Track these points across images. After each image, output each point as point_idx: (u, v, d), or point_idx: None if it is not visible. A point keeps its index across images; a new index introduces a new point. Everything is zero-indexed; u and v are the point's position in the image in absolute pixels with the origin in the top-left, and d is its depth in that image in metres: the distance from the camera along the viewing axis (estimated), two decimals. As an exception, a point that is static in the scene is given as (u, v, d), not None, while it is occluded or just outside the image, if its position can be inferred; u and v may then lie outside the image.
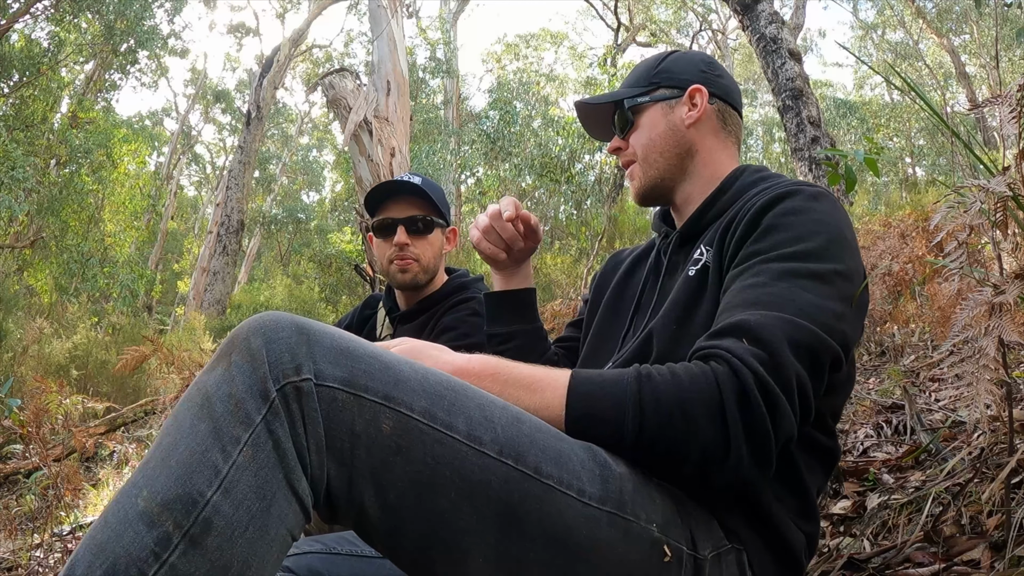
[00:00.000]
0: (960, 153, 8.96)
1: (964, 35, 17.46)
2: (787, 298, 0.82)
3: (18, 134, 10.27)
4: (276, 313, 0.68)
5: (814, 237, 0.88)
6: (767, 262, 0.87)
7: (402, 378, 0.68)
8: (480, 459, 0.68)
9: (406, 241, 1.65)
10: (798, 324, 0.79)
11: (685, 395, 0.75)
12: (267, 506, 0.61)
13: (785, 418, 0.75)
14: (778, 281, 0.84)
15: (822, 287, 0.84)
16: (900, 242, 3.91)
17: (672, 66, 1.13)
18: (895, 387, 2.43)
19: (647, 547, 0.75)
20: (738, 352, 0.76)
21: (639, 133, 1.11)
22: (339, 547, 0.96)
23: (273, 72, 14.51)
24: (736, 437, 0.74)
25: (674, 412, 0.75)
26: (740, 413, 0.74)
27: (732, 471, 0.75)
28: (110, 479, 3.85)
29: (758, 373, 0.75)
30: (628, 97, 1.12)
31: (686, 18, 20.99)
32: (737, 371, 0.75)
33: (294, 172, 25.15)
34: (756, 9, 5.40)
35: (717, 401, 0.74)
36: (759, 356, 0.76)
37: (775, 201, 0.93)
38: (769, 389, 0.74)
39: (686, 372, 0.77)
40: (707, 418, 0.74)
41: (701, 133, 1.10)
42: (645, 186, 1.12)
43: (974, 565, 1.08)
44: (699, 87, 1.10)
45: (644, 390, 0.76)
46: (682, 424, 0.74)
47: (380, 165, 5.81)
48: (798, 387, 0.77)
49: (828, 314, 0.82)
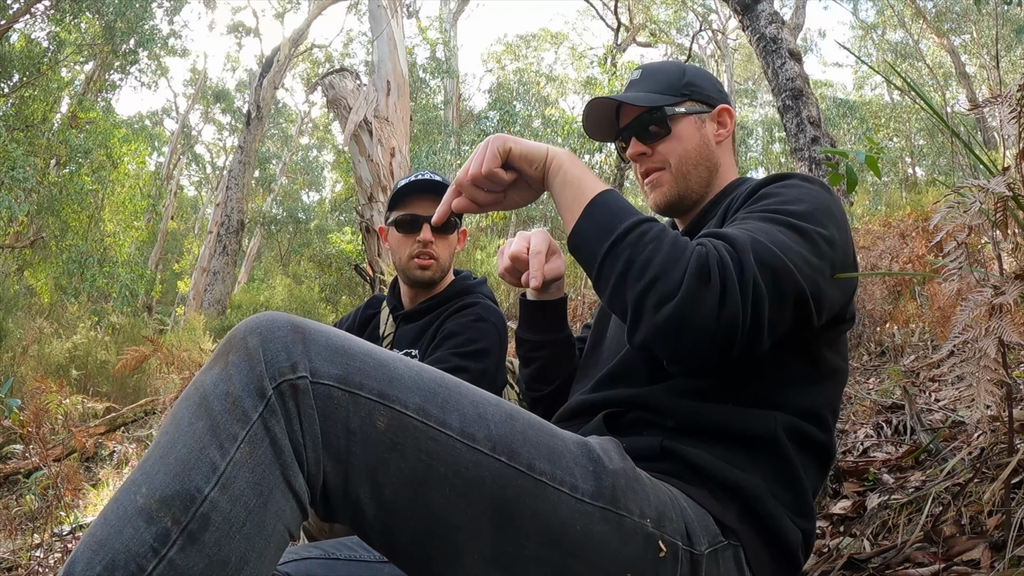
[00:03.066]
0: (960, 153, 8.96)
1: (964, 35, 17.46)
2: (763, 231, 0.86)
3: (18, 134, 10.28)
4: (272, 313, 0.69)
5: (800, 202, 0.93)
6: (751, 212, 0.93)
7: (396, 375, 0.69)
8: (474, 456, 0.69)
9: (431, 239, 1.65)
10: (767, 246, 0.83)
11: (661, 244, 0.82)
12: (264, 502, 0.62)
13: (729, 301, 0.78)
14: (760, 223, 0.89)
15: (799, 237, 0.87)
16: (900, 242, 3.91)
17: (697, 80, 1.15)
18: (895, 387, 2.43)
19: (641, 542, 0.75)
20: (710, 243, 0.82)
21: (673, 143, 1.11)
22: (338, 552, 0.97)
23: (273, 72, 14.51)
24: (684, 295, 0.77)
25: (648, 245, 0.82)
26: (695, 277, 0.78)
27: (668, 318, 0.78)
28: (110, 479, 3.85)
29: (722, 256, 0.80)
30: (668, 104, 1.11)
31: (686, 18, 21.01)
32: (707, 249, 0.81)
33: (294, 172, 25.15)
34: (756, 9, 5.40)
35: (683, 257, 0.80)
36: (727, 249, 0.81)
37: (769, 181, 1.00)
38: (725, 272, 0.79)
39: (674, 234, 0.84)
40: (669, 263, 0.80)
41: (724, 151, 1.15)
42: (673, 196, 1.13)
43: (974, 565, 1.08)
44: (727, 108, 1.15)
45: (636, 225, 0.85)
46: (650, 254, 0.81)
47: (380, 165, 5.81)
48: (754, 292, 0.79)
49: (799, 257, 0.84)
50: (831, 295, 0.89)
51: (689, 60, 14.13)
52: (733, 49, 21.55)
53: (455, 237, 1.73)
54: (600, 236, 0.86)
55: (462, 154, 15.59)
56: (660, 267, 0.80)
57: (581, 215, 0.89)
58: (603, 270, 0.85)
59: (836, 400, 0.99)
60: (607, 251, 0.84)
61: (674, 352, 0.80)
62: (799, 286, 0.83)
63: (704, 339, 0.78)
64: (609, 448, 0.79)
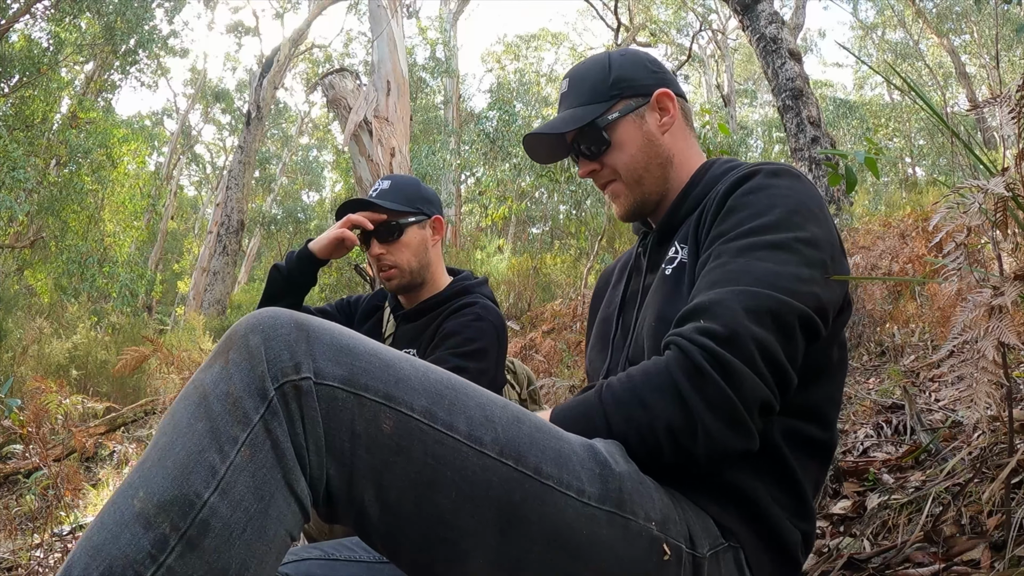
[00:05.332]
0: (960, 153, 8.95)
1: (964, 35, 17.45)
2: (743, 271, 0.83)
3: (18, 134, 10.27)
4: (275, 309, 0.67)
5: (771, 211, 0.89)
6: (726, 243, 0.89)
7: (402, 377, 0.67)
8: (481, 459, 0.67)
9: (380, 251, 1.64)
10: (753, 292, 0.80)
11: (639, 389, 0.79)
12: (265, 507, 0.60)
13: (746, 382, 0.76)
14: (736, 258, 0.85)
15: (780, 255, 0.84)
16: (900, 242, 3.92)
17: (625, 72, 1.07)
18: (895, 387, 2.43)
19: (646, 545, 0.75)
20: (687, 334, 0.79)
21: (616, 153, 1.05)
22: (338, 553, 0.96)
23: (273, 72, 14.51)
24: (697, 411, 0.76)
25: (631, 405, 0.79)
26: (695, 390, 0.76)
27: (707, 444, 0.77)
28: (110, 479, 3.85)
29: (706, 347, 0.77)
30: (599, 116, 1.04)
31: (686, 18, 21.01)
32: (686, 350, 0.78)
33: (294, 172, 25.14)
34: (756, 9, 5.40)
35: (670, 384, 0.78)
36: (710, 331, 0.78)
37: (736, 184, 0.94)
38: (721, 358, 0.76)
39: (640, 369, 0.81)
40: (662, 402, 0.77)
41: (675, 137, 1.08)
42: (633, 204, 1.08)
43: (974, 565, 1.08)
44: (666, 91, 1.07)
45: (604, 397, 0.81)
46: (642, 413, 0.78)
47: (380, 165, 5.81)
48: (760, 351, 0.77)
49: (789, 278, 0.82)
50: (830, 297, 0.87)
51: (689, 60, 14.08)
52: (733, 49, 21.54)
53: (414, 235, 1.67)
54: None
55: (462, 154, 15.58)
56: (661, 425, 0.77)
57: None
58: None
59: (838, 392, 0.97)
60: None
61: (739, 450, 0.79)
62: (799, 310, 0.81)
63: (745, 423, 0.77)
64: (614, 451, 0.79)
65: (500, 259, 10.44)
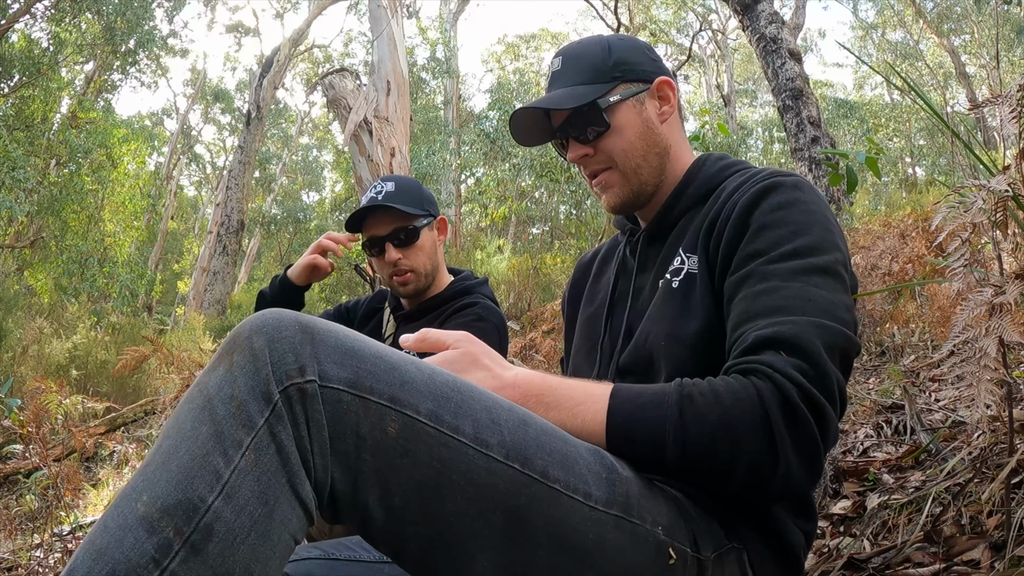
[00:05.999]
0: (960, 153, 8.95)
1: (964, 35, 17.46)
2: (805, 298, 0.81)
3: (18, 134, 10.27)
4: (279, 311, 0.66)
5: (810, 229, 0.87)
6: (771, 263, 0.86)
7: (408, 379, 0.66)
8: (487, 463, 0.66)
9: (397, 257, 1.63)
10: (827, 326, 0.79)
11: (729, 416, 0.75)
12: (270, 511, 0.59)
13: (831, 426, 0.75)
14: (791, 282, 0.83)
15: (831, 281, 0.84)
16: (900, 242, 3.92)
17: (627, 56, 1.01)
18: (895, 387, 2.43)
19: (652, 550, 0.74)
20: (779, 366, 0.76)
21: (614, 137, 1.00)
22: (338, 553, 0.96)
23: (273, 72, 14.51)
24: (784, 453, 0.74)
25: (717, 434, 0.74)
26: (788, 429, 0.74)
27: (781, 484, 0.75)
28: (110, 479, 3.86)
29: (802, 386, 0.74)
30: (599, 96, 0.98)
31: (686, 18, 21.02)
32: (780, 386, 0.75)
33: (294, 172, 25.14)
34: (756, 9, 5.40)
35: (763, 418, 0.74)
36: (801, 368, 0.76)
37: (759, 198, 0.90)
38: (815, 400, 0.74)
39: (728, 390, 0.76)
40: (754, 437, 0.74)
41: (671, 128, 1.04)
42: (627, 196, 1.03)
43: (974, 565, 1.08)
44: (667, 80, 1.02)
45: (686, 413, 0.76)
46: (727, 446, 0.74)
47: (380, 165, 5.81)
48: (839, 391, 0.77)
49: (843, 308, 0.83)
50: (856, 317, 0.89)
51: (689, 60, 14.03)
52: (733, 49, 21.54)
53: (427, 238, 1.68)
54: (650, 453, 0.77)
55: (462, 154, 15.57)
56: (743, 461, 0.74)
57: (608, 434, 0.78)
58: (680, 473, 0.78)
59: None
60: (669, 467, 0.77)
61: (809, 490, 0.80)
62: (857, 344, 0.82)
63: (820, 467, 0.77)
64: None
65: (500, 259, 10.43)
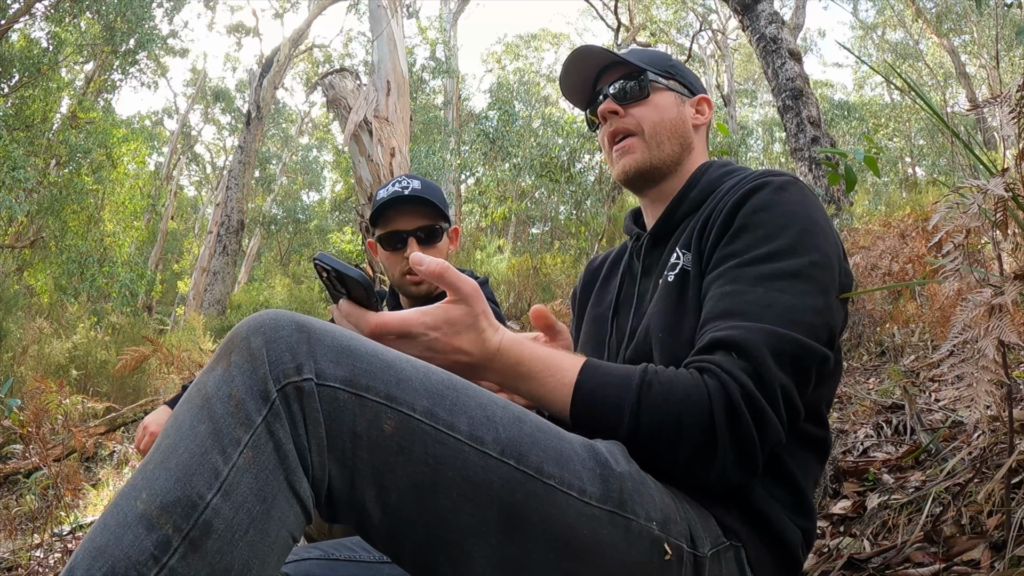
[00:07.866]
0: (960, 153, 8.96)
1: (964, 35, 17.46)
2: (765, 304, 0.84)
3: (18, 134, 10.27)
4: (276, 311, 0.67)
5: (785, 232, 0.90)
6: (741, 266, 0.89)
7: (404, 377, 0.67)
8: (482, 459, 0.67)
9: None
10: (780, 334, 0.82)
11: (679, 409, 0.80)
12: (268, 508, 0.60)
13: (770, 427, 0.79)
14: (755, 287, 0.87)
15: (799, 284, 0.86)
16: (900, 242, 3.91)
17: (681, 67, 1.16)
18: (895, 387, 2.43)
19: (647, 546, 0.75)
20: (727, 367, 0.81)
21: (649, 108, 1.09)
22: (337, 553, 0.96)
23: (273, 72, 14.51)
24: (723, 447, 0.78)
25: (666, 423, 0.79)
26: (728, 426, 0.78)
27: (718, 475, 0.80)
28: (110, 479, 3.86)
29: (746, 387, 0.79)
30: (652, 70, 1.10)
31: (686, 18, 21.03)
32: (726, 386, 0.79)
33: (294, 172, 25.15)
34: (756, 9, 5.40)
35: (707, 413, 0.79)
36: (747, 370, 0.80)
37: (744, 198, 0.94)
38: (756, 403, 0.79)
39: (682, 385, 0.81)
40: (697, 431, 0.79)
41: (699, 137, 1.14)
42: (644, 164, 1.09)
43: (974, 565, 1.08)
44: (707, 99, 1.15)
45: (643, 400, 0.81)
46: (673, 433, 0.79)
47: (380, 165, 5.81)
48: (783, 396, 0.80)
49: (808, 313, 0.84)
50: (839, 319, 0.90)
51: (689, 60, 14.13)
52: (733, 49, 21.55)
53: (445, 242, 1.68)
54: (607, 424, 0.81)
55: (462, 154, 15.58)
56: (685, 448, 0.79)
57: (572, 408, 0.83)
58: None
59: (831, 393, 1.00)
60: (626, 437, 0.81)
61: (744, 484, 0.84)
62: (818, 354, 0.84)
63: (756, 464, 0.81)
64: (615, 451, 0.79)
65: (500, 259, 10.45)
